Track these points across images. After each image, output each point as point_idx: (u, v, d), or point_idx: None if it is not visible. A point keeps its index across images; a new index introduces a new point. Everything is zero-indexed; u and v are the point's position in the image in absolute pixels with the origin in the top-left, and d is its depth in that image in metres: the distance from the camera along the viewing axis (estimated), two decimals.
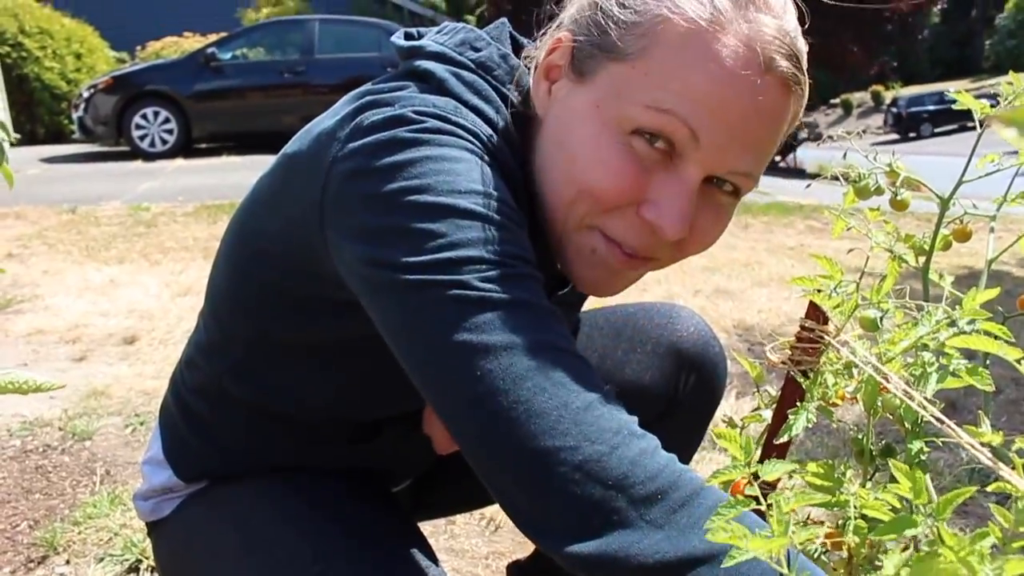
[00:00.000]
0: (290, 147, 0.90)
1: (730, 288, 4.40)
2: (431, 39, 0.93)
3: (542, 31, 0.91)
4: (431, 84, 0.87)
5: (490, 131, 0.85)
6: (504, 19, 0.98)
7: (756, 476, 0.60)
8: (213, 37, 13.32)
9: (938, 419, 0.58)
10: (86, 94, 11.30)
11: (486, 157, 0.81)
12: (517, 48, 0.97)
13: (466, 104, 0.85)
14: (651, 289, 4.32)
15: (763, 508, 0.57)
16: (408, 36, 0.97)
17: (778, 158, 21.57)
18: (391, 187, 0.75)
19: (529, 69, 0.90)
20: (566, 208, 0.85)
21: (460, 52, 0.90)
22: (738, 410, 2.57)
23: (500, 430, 0.70)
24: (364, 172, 0.77)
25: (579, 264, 0.88)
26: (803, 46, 0.83)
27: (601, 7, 0.82)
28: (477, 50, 0.90)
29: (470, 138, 0.81)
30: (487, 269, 0.73)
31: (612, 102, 0.80)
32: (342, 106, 0.87)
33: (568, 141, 0.83)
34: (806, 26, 0.85)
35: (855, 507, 0.67)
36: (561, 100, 0.85)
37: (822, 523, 0.75)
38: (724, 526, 0.55)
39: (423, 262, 0.73)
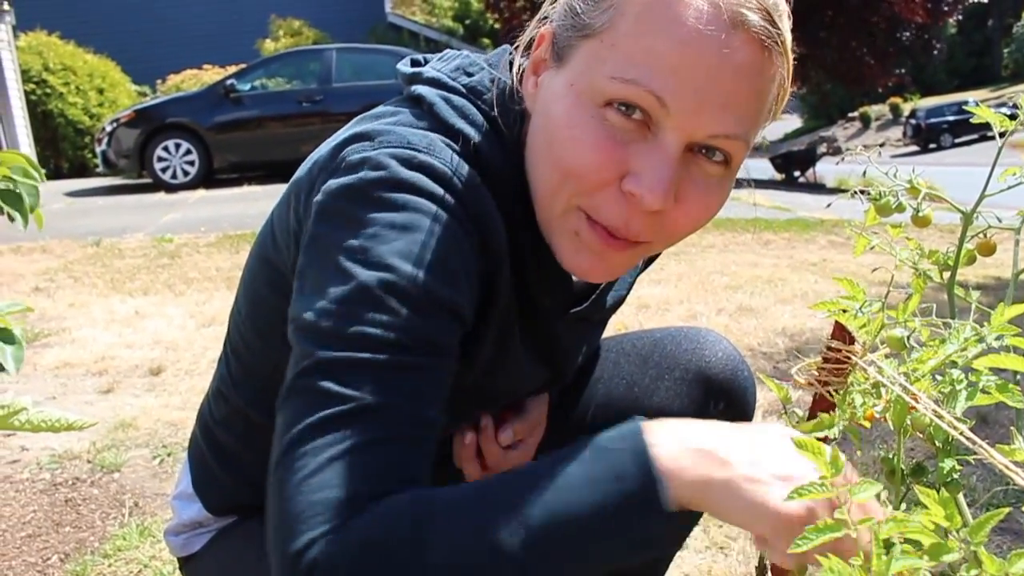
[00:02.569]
0: (297, 173, 0.94)
1: (753, 306, 4.37)
2: (431, 66, 0.95)
3: (529, 34, 0.92)
4: (423, 108, 0.89)
5: (467, 156, 0.85)
6: (506, 46, 0.99)
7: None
8: (232, 68, 13.47)
9: (970, 439, 0.57)
10: (109, 128, 11.45)
11: (450, 199, 0.80)
12: None
13: (451, 128, 0.86)
14: (673, 309, 4.30)
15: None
16: (414, 63, 0.99)
17: (797, 172, 21.50)
18: (335, 239, 0.78)
19: (522, 78, 0.91)
20: (552, 195, 0.85)
21: (454, 78, 0.92)
22: None
23: (276, 474, 0.74)
24: (325, 214, 0.80)
25: (567, 251, 0.87)
26: (783, 10, 0.81)
27: None
28: (470, 75, 0.92)
29: (434, 188, 0.80)
30: (377, 350, 0.74)
31: (584, 78, 0.80)
32: (342, 131, 0.89)
33: (547, 125, 0.84)
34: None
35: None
36: (544, 88, 0.86)
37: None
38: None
39: (330, 328, 0.75)
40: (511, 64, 0.94)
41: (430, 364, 0.77)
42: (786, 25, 0.81)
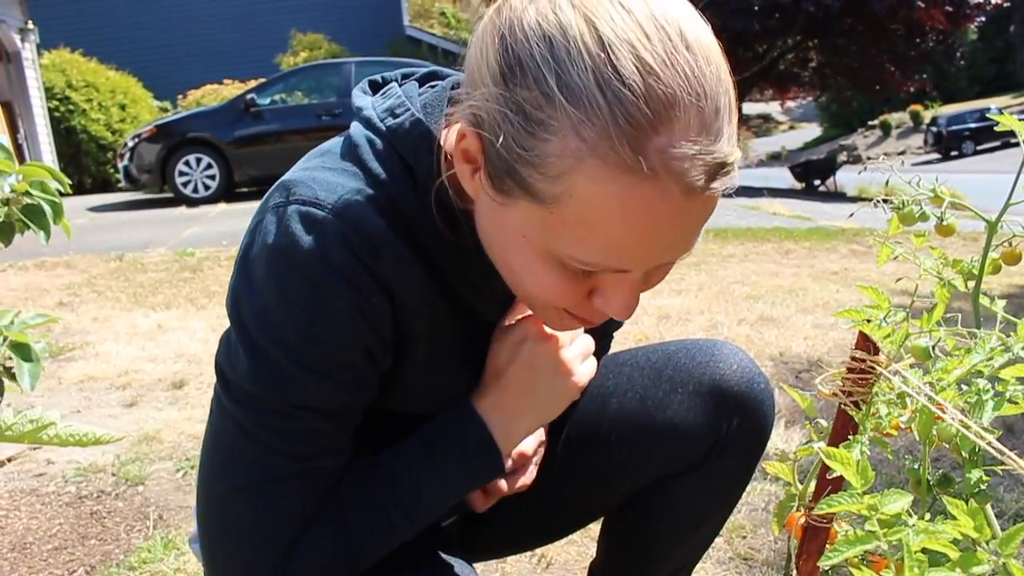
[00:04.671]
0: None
1: (774, 316, 4.35)
2: (372, 101, 0.96)
3: (456, 91, 0.90)
4: (351, 147, 0.92)
5: (380, 200, 0.87)
6: (453, 78, 0.98)
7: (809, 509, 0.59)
8: (252, 83, 13.59)
9: (997, 449, 0.57)
10: (131, 143, 11.58)
11: (344, 260, 0.83)
12: None
13: (368, 171, 0.88)
14: (694, 319, 4.29)
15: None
16: (373, 85, 1.02)
17: (817, 181, 21.40)
18: (238, 299, 0.87)
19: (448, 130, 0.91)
20: (522, 299, 0.91)
21: (382, 119, 0.92)
22: (788, 440, 2.54)
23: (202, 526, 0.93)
24: (237, 269, 0.89)
25: (551, 322, 0.92)
26: (729, 131, 0.74)
27: (508, 120, 0.74)
28: (396, 116, 0.91)
29: (330, 252, 0.83)
30: (259, 413, 0.86)
31: (537, 238, 0.78)
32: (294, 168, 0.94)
33: (503, 258, 0.84)
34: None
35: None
36: (487, 206, 0.82)
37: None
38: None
39: (235, 385, 0.87)
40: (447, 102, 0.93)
41: (337, 419, 0.89)
42: (732, 142, 0.75)
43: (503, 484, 1.10)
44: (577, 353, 1.04)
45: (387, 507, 0.94)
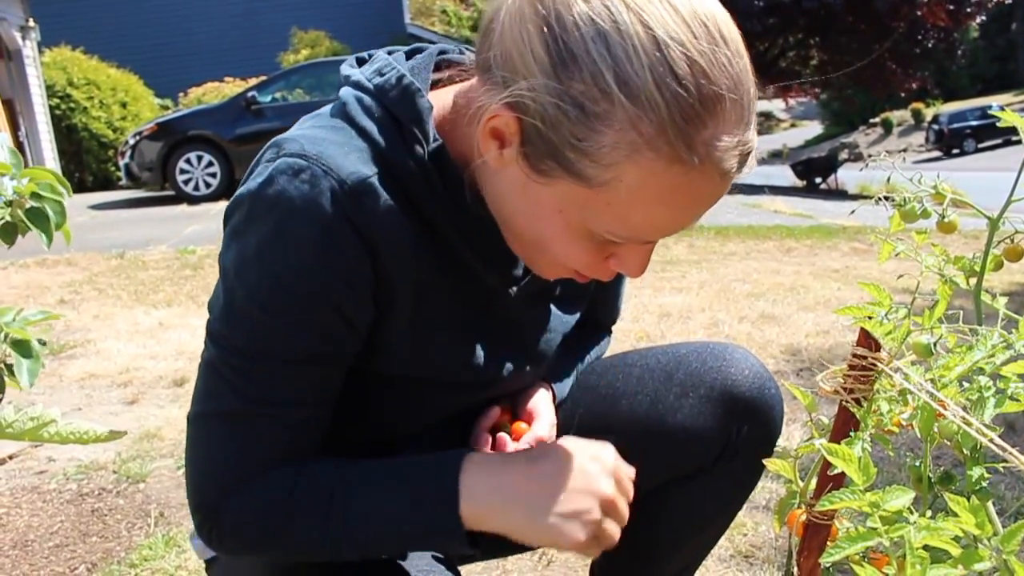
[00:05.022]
0: None
1: (776, 313, 4.35)
2: (360, 69, 0.99)
3: (479, 63, 0.89)
4: (340, 107, 0.95)
5: (370, 153, 0.90)
6: (440, 46, 1.03)
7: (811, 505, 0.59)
8: (253, 81, 13.57)
9: (999, 446, 0.57)
10: (132, 141, 11.57)
11: (328, 208, 0.85)
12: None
13: (356, 126, 0.91)
14: (695, 317, 4.29)
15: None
16: (360, 60, 1.04)
17: (819, 179, 21.38)
18: (227, 247, 0.92)
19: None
20: (530, 250, 0.93)
21: (369, 79, 0.95)
22: (789, 436, 2.54)
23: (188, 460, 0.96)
24: (226, 217, 0.93)
25: (544, 272, 0.96)
26: (755, 117, 0.82)
27: (561, 111, 0.77)
28: (382, 75, 0.95)
29: (312, 200, 0.85)
30: (226, 352, 0.90)
31: (574, 215, 0.83)
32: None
33: (528, 227, 0.88)
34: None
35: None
36: (514, 179, 0.85)
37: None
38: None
39: (217, 332, 0.91)
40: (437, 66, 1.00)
41: (302, 368, 0.90)
42: (755, 119, 0.83)
43: None
44: (615, 521, 0.95)
45: (331, 515, 0.91)
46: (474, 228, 0.94)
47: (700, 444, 1.16)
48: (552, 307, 1.13)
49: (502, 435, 1.11)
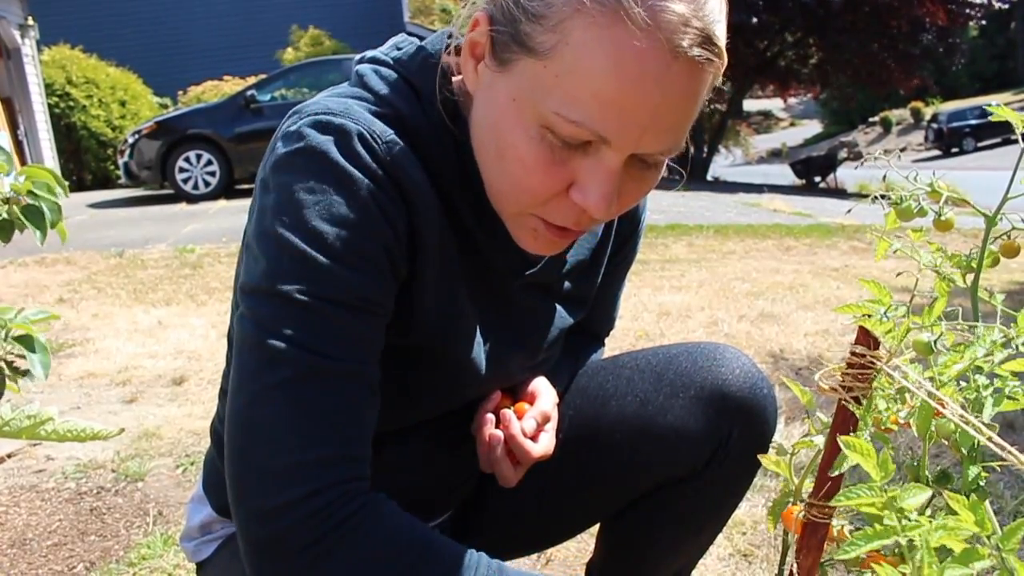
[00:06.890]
0: None
1: (775, 312, 4.35)
2: (378, 49, 1.01)
3: (463, 4, 0.94)
4: (358, 77, 0.96)
5: (389, 117, 0.91)
6: (449, 29, 1.03)
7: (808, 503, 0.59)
8: (252, 80, 13.57)
9: (997, 445, 0.57)
10: (131, 140, 11.57)
11: (366, 158, 0.86)
12: None
13: (376, 94, 0.93)
14: (695, 315, 4.29)
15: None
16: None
17: (818, 178, 21.40)
18: (267, 207, 0.86)
19: (458, 50, 0.95)
20: (504, 199, 0.91)
21: (386, 53, 0.98)
22: (788, 435, 2.54)
23: (233, 431, 0.85)
24: (262, 186, 0.89)
25: (523, 239, 0.94)
26: (719, 19, 0.80)
27: None
28: (399, 49, 0.98)
29: (345, 150, 0.86)
30: (279, 308, 0.83)
31: (526, 98, 0.82)
32: None
33: (492, 136, 0.87)
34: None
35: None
36: (486, 85, 0.87)
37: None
38: None
39: (268, 288, 0.84)
40: (449, 36, 0.99)
41: (359, 317, 0.85)
42: (721, 31, 0.81)
43: (533, 449, 1.09)
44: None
45: None
46: (484, 206, 0.95)
47: (691, 445, 1.15)
48: (556, 305, 1.13)
49: (505, 411, 1.10)
